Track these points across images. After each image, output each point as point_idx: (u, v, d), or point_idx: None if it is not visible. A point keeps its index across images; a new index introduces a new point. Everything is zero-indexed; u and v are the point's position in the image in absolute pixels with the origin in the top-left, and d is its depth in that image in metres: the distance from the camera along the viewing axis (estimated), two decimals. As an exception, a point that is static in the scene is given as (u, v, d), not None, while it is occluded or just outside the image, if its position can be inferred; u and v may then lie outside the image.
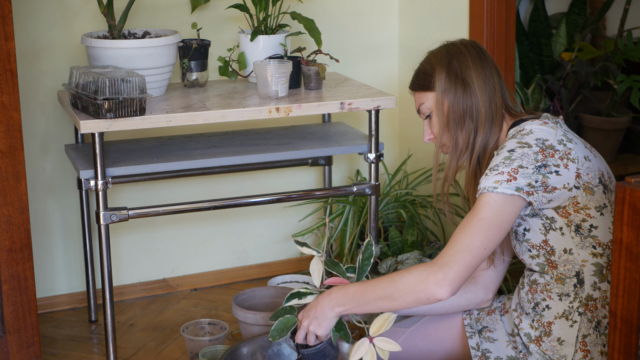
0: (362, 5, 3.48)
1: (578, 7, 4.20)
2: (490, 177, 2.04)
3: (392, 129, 3.61)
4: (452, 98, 2.20)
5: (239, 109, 2.74)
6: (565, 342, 2.13)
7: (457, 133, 2.20)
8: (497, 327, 2.28)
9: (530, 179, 2.02)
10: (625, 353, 1.54)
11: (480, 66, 2.21)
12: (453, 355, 2.38)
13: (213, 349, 2.72)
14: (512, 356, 2.22)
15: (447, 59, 2.23)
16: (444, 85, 2.21)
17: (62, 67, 3.07)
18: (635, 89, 3.83)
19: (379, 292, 2.06)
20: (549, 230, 2.10)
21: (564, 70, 3.94)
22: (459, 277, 1.99)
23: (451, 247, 2.01)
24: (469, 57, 2.21)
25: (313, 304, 2.16)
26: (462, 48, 2.24)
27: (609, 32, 4.49)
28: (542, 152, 2.04)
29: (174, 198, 3.29)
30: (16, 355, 2.53)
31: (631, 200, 1.49)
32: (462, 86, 2.19)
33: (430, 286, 1.99)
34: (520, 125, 2.15)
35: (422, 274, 2.01)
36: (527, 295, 2.20)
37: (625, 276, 1.52)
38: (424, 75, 2.27)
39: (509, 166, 2.03)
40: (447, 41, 2.31)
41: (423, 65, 2.30)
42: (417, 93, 2.30)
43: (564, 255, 2.11)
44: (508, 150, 2.06)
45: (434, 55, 2.28)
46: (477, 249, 2.00)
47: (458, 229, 2.04)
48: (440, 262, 2.01)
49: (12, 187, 2.45)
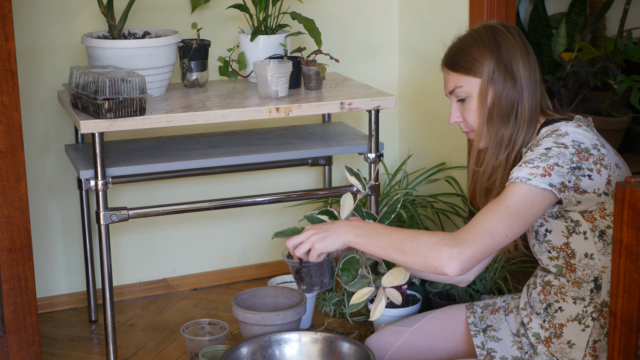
0: (362, 5, 3.48)
1: (578, 7, 4.20)
2: (525, 168, 2.00)
3: (392, 129, 3.61)
4: (499, 90, 2.12)
5: (239, 109, 2.74)
6: (575, 345, 2.12)
7: (501, 128, 2.15)
8: (502, 327, 2.28)
9: (564, 179, 2.00)
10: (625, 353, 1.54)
11: (526, 58, 2.14)
12: (456, 354, 2.38)
13: (213, 349, 2.72)
14: (518, 356, 2.22)
15: (496, 45, 2.13)
16: (492, 74, 2.12)
17: (62, 67, 3.07)
18: (635, 89, 3.84)
19: (394, 239, 2.00)
20: (572, 233, 2.09)
21: (564, 70, 3.94)
22: (473, 258, 1.94)
23: (474, 226, 1.96)
24: (517, 47, 2.13)
25: (328, 223, 2.09)
26: (509, 36, 2.15)
27: (609, 32, 4.49)
28: (577, 154, 2.02)
29: (174, 198, 3.29)
30: (16, 355, 2.53)
31: (631, 200, 1.49)
32: (510, 79, 2.12)
33: (442, 257, 1.93)
34: (554, 126, 2.10)
35: (439, 242, 1.95)
36: (540, 296, 2.18)
37: (625, 276, 1.52)
38: (468, 57, 2.15)
39: (545, 162, 2.00)
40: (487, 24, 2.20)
41: (466, 46, 2.17)
42: (455, 74, 2.19)
43: (585, 259, 2.09)
44: (545, 148, 2.03)
45: (480, 37, 2.16)
46: (500, 235, 1.95)
47: (483, 211, 1.98)
48: (460, 237, 1.95)
49: (12, 187, 2.45)
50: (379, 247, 2.03)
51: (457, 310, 2.40)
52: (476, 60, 2.14)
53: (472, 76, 2.15)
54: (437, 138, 3.41)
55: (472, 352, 2.34)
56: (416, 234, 2.00)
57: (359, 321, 3.09)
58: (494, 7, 3.03)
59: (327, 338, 2.52)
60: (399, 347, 2.41)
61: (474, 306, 2.37)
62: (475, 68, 2.14)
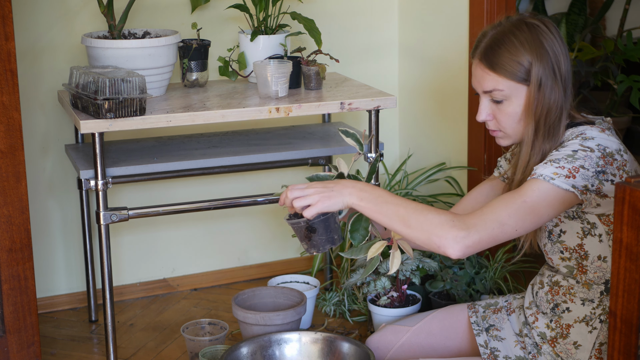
0: (362, 5, 3.48)
1: (578, 7, 4.20)
2: (550, 167, 1.97)
3: (392, 129, 3.61)
4: (549, 98, 2.05)
5: (239, 109, 2.74)
6: (581, 346, 2.11)
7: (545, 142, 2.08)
8: (505, 326, 2.27)
9: (588, 182, 1.97)
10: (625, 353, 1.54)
11: (567, 59, 2.06)
12: (458, 353, 2.38)
13: (213, 349, 2.72)
14: (521, 356, 2.21)
15: (542, 48, 2.04)
16: (541, 82, 2.03)
17: (62, 67, 3.07)
18: (635, 89, 3.84)
19: (401, 210, 1.95)
20: (587, 235, 2.07)
21: (563, 70, 3.93)
22: (478, 244, 1.91)
23: (485, 213, 1.93)
24: (560, 50, 2.05)
25: (333, 181, 2.02)
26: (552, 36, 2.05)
27: (609, 32, 4.49)
28: (603, 158, 1.99)
29: (174, 198, 3.29)
30: (16, 355, 2.53)
31: (631, 200, 1.49)
32: (557, 86, 2.05)
33: (447, 238, 1.90)
34: (579, 129, 2.05)
35: (447, 222, 1.91)
36: (547, 296, 2.17)
37: (625, 276, 1.52)
38: (512, 61, 2.04)
39: (571, 163, 1.97)
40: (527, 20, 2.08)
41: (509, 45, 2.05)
42: (495, 75, 2.07)
43: (597, 261, 2.08)
44: (572, 150, 1.99)
45: (525, 38, 2.04)
46: (509, 227, 1.92)
47: (498, 200, 1.95)
48: (469, 221, 1.92)
49: (12, 187, 2.45)
50: (383, 214, 1.97)
51: (459, 310, 2.40)
52: (522, 65, 2.04)
53: (516, 82, 2.05)
54: (437, 138, 3.41)
55: (474, 351, 2.34)
56: (424, 209, 1.95)
57: (359, 321, 3.09)
58: (494, 7, 3.03)
59: (327, 338, 2.52)
60: (400, 346, 2.41)
61: (476, 306, 2.37)
62: (521, 74, 2.04)
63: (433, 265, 2.87)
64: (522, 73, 2.04)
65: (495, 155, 3.11)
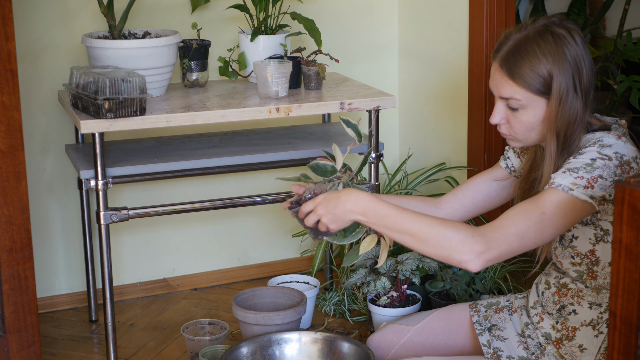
0: (362, 5, 3.48)
1: (578, 7, 4.20)
2: (569, 177, 1.95)
3: (392, 129, 3.61)
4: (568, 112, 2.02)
5: (239, 109, 2.74)
6: (586, 350, 2.10)
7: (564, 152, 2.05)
8: (507, 326, 2.27)
9: (606, 192, 1.95)
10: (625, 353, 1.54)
11: (590, 70, 2.03)
12: (459, 352, 2.38)
13: (213, 349, 2.72)
14: (524, 357, 2.21)
15: (565, 63, 2.00)
16: (562, 97, 2.00)
17: (62, 67, 3.07)
18: (635, 89, 3.84)
19: (414, 228, 1.94)
20: (600, 241, 2.06)
21: (563, 70, 3.93)
22: (498, 258, 1.92)
23: (505, 226, 1.92)
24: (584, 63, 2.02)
25: (335, 196, 2.01)
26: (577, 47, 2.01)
27: (609, 32, 4.49)
28: (620, 166, 1.97)
29: (174, 198, 3.29)
30: (16, 355, 2.53)
31: (631, 200, 1.49)
32: (577, 100, 2.02)
33: (468, 255, 1.90)
34: (596, 136, 2.03)
35: (467, 239, 1.90)
36: (554, 297, 2.16)
37: (625, 276, 1.52)
38: (532, 72, 1.99)
39: (590, 173, 1.95)
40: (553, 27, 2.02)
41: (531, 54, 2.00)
42: (513, 84, 2.02)
43: (608, 267, 2.06)
44: (590, 159, 1.96)
45: (548, 50, 1.99)
46: (529, 241, 1.92)
47: (518, 210, 1.94)
48: (489, 235, 1.91)
49: (13, 187, 2.45)
50: (393, 232, 1.97)
51: (460, 309, 2.40)
52: (542, 77, 2.00)
53: (534, 94, 2.01)
54: (437, 138, 3.41)
55: (476, 351, 2.34)
56: (440, 226, 1.93)
57: (359, 321, 3.09)
58: (494, 7, 3.03)
59: (327, 338, 2.52)
60: (401, 346, 2.41)
61: (478, 305, 2.36)
62: (540, 86, 2.00)
63: (433, 265, 2.88)
64: (541, 86, 2.00)
65: (495, 155, 3.11)
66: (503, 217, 1.95)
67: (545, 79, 2.00)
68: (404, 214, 1.96)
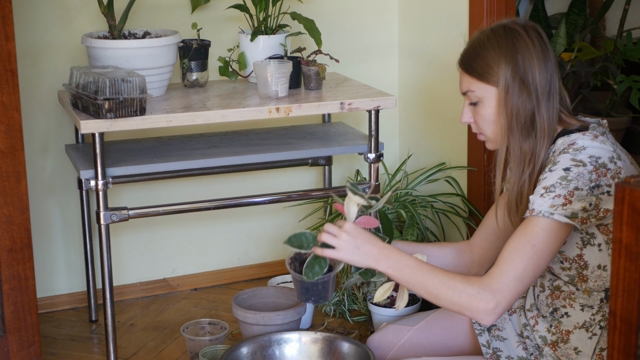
0: (362, 5, 3.48)
1: (578, 7, 4.20)
2: (547, 199, 1.97)
3: (392, 129, 3.61)
4: (517, 101, 2.05)
5: (239, 109, 2.74)
6: (582, 352, 2.11)
7: (524, 143, 2.08)
8: (506, 327, 2.27)
9: (585, 202, 1.96)
10: (625, 353, 1.54)
11: (544, 65, 2.06)
12: (458, 352, 2.38)
13: (213, 349, 2.72)
14: (523, 357, 2.21)
15: (513, 52, 2.04)
16: (507, 85, 2.05)
17: (62, 67, 3.07)
18: (634, 89, 3.84)
19: (428, 284, 2.01)
20: (586, 245, 2.06)
21: (563, 70, 3.94)
22: (507, 306, 1.98)
23: (505, 273, 1.97)
24: (534, 55, 2.05)
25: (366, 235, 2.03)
26: (528, 41, 2.05)
27: (609, 33, 4.49)
28: (595, 171, 1.97)
29: (174, 198, 3.29)
30: (16, 355, 2.53)
31: (630, 200, 1.49)
32: (526, 90, 2.05)
33: (479, 312, 1.98)
34: (570, 138, 2.04)
35: (475, 296, 1.97)
36: (547, 299, 2.17)
37: (625, 276, 1.52)
38: (483, 62, 2.06)
39: (566, 188, 1.96)
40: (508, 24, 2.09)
41: (482, 49, 2.08)
42: (468, 77, 2.10)
43: (597, 270, 2.07)
44: (563, 169, 1.98)
45: (498, 42, 2.06)
46: (529, 278, 1.98)
47: (510, 249, 1.98)
48: (493, 286, 1.97)
49: (13, 187, 2.45)
50: (409, 283, 2.05)
51: (460, 310, 2.40)
52: (491, 67, 2.06)
53: (485, 83, 2.07)
54: (437, 138, 3.41)
55: (475, 351, 2.34)
56: (450, 281, 2.00)
57: (359, 321, 3.09)
58: (494, 7, 3.03)
59: (327, 338, 2.52)
60: (401, 346, 2.40)
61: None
62: (489, 75, 2.06)
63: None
64: (489, 74, 2.06)
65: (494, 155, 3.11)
66: (501, 262, 1.99)
67: (493, 67, 2.06)
68: (422, 266, 2.03)
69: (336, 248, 2.04)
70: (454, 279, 2.00)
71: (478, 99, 2.10)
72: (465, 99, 2.14)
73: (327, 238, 2.05)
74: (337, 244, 2.03)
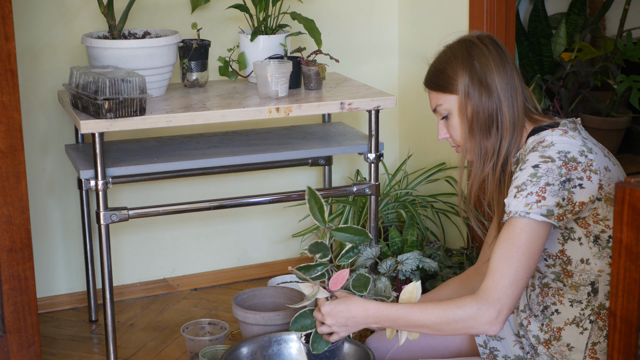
0: (362, 5, 3.48)
1: (578, 7, 4.20)
2: (520, 199, 2.00)
3: (392, 129, 3.61)
4: (477, 103, 2.13)
5: (239, 109, 2.74)
6: (574, 348, 2.12)
7: (483, 140, 2.15)
8: (504, 326, 2.27)
9: (558, 197, 1.99)
10: (625, 353, 1.54)
11: (502, 67, 2.14)
12: (457, 353, 2.38)
13: (213, 349, 2.72)
14: (520, 356, 2.22)
15: (469, 60, 2.15)
16: (467, 89, 2.13)
17: (62, 67, 3.07)
18: (634, 89, 3.84)
19: (427, 323, 2.04)
20: (567, 240, 2.08)
21: (563, 70, 3.94)
22: (509, 312, 2.00)
23: (499, 281, 1.98)
24: (490, 59, 2.14)
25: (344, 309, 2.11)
26: (483, 48, 2.15)
27: (609, 33, 4.49)
28: (565, 165, 2.00)
29: (174, 198, 3.29)
30: (16, 355, 2.53)
31: (631, 200, 1.49)
32: (486, 91, 2.12)
33: (483, 325, 1.99)
34: (540, 136, 2.09)
35: (474, 312, 1.99)
36: (538, 298, 2.18)
37: (625, 276, 1.52)
38: (444, 76, 2.17)
39: (537, 185, 1.99)
40: (463, 37, 2.22)
41: (442, 64, 2.18)
42: (434, 93, 2.20)
43: (581, 265, 2.08)
44: (532, 166, 2.02)
45: (454, 55, 2.17)
46: (522, 280, 1.99)
47: (497, 257, 2.00)
48: (491, 297, 1.98)
49: (13, 187, 2.45)
50: (408, 328, 2.09)
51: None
52: (451, 77, 2.15)
53: (448, 94, 2.16)
54: (436, 138, 3.40)
55: (474, 351, 2.34)
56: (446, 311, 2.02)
57: (359, 321, 3.09)
58: (494, 7, 3.03)
59: (327, 338, 2.51)
60: (399, 346, 2.41)
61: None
62: (451, 85, 2.15)
63: (433, 265, 2.87)
64: (452, 84, 2.15)
65: (495, 155, 3.11)
66: (492, 271, 2.01)
67: (452, 77, 2.15)
68: (412, 310, 2.06)
69: (333, 332, 2.15)
70: (450, 307, 2.02)
71: (447, 111, 2.18)
72: (437, 116, 2.22)
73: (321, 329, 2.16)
74: (328, 330, 2.14)
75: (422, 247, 3.15)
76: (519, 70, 2.19)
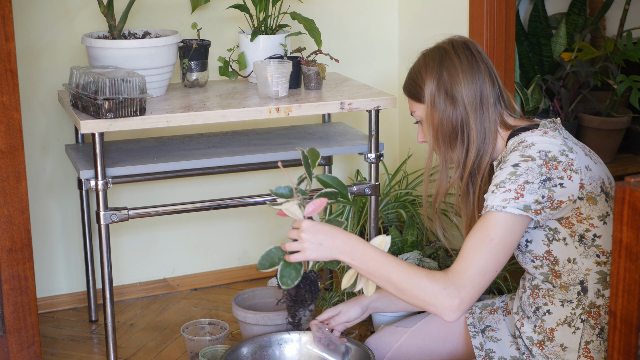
0: (362, 5, 3.48)
1: (578, 7, 4.20)
2: (498, 194, 2.00)
3: (392, 129, 3.61)
4: (441, 115, 2.15)
5: (239, 109, 2.74)
6: (568, 348, 2.12)
7: (448, 152, 2.17)
8: (500, 327, 2.28)
9: (537, 195, 1.99)
10: (625, 353, 1.54)
11: (471, 78, 2.14)
12: (455, 354, 2.38)
13: (213, 349, 2.72)
14: (516, 357, 2.22)
15: (438, 70, 2.15)
16: (433, 100, 2.15)
17: (62, 67, 3.07)
18: (635, 89, 3.84)
19: (393, 278, 2.01)
20: (552, 240, 2.08)
21: (563, 70, 3.94)
22: (471, 303, 1.99)
23: (467, 269, 1.98)
24: (459, 70, 2.14)
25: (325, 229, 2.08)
26: (454, 57, 2.15)
27: (609, 33, 4.49)
28: (545, 164, 2.01)
29: (174, 198, 3.29)
30: (16, 355, 2.53)
31: (631, 200, 1.49)
32: (451, 103, 2.14)
33: (443, 308, 1.98)
34: (520, 137, 2.09)
35: (440, 292, 1.97)
36: (529, 299, 2.18)
37: (625, 276, 1.52)
38: (414, 84, 2.20)
39: (515, 182, 2.00)
40: (439, 44, 2.22)
41: (414, 72, 2.21)
42: (409, 99, 2.24)
43: (568, 264, 2.09)
44: (512, 165, 2.02)
45: (426, 64, 2.19)
46: (490, 273, 1.98)
47: (470, 246, 1.99)
48: (457, 283, 1.97)
49: (13, 187, 2.45)
50: (374, 276, 2.05)
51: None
52: (420, 87, 2.18)
53: (419, 102, 2.20)
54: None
55: (472, 352, 2.34)
56: (415, 276, 2.00)
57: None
58: (494, 7, 3.03)
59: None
60: (398, 348, 2.41)
61: (473, 307, 2.37)
62: (419, 95, 2.18)
63: (433, 265, 2.88)
64: (419, 93, 2.18)
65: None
66: (462, 258, 2.00)
67: (421, 86, 2.18)
68: (388, 260, 2.04)
69: (301, 250, 2.09)
70: (419, 274, 2.00)
71: (420, 118, 2.22)
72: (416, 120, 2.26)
73: (290, 245, 2.10)
74: (300, 247, 2.09)
75: (422, 247, 3.15)
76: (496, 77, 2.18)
